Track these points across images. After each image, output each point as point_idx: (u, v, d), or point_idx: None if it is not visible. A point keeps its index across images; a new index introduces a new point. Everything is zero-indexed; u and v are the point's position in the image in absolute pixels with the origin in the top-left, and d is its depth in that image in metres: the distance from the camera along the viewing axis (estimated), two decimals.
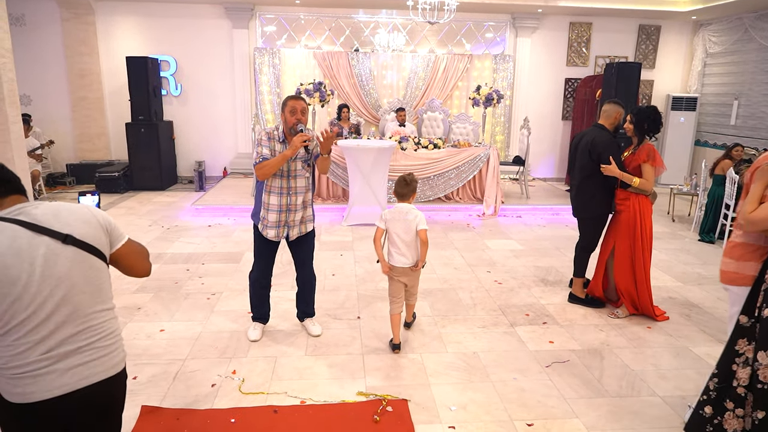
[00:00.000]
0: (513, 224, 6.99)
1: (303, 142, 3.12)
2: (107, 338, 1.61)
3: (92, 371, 1.56)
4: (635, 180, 3.84)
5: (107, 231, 1.64)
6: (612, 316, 4.12)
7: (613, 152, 3.93)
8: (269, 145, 3.32)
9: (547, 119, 10.13)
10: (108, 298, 1.65)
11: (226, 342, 3.57)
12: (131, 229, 6.32)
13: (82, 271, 1.54)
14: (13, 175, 1.59)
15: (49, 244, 1.48)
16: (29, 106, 9.34)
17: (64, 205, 1.59)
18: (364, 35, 9.76)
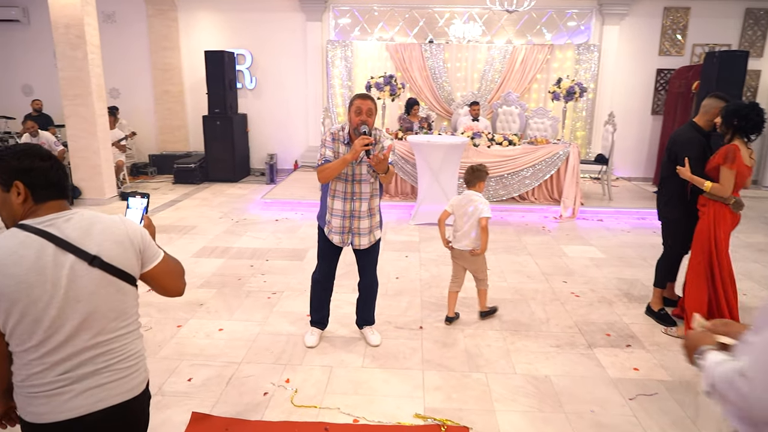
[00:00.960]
0: (593, 228, 6.47)
1: (364, 146, 2.92)
2: (127, 360, 1.51)
3: (109, 393, 1.46)
4: (706, 184, 3.39)
5: (140, 251, 1.52)
6: (664, 331, 3.71)
7: (691, 152, 3.53)
8: (333, 147, 3.15)
9: (634, 114, 9.36)
10: (132, 320, 1.54)
11: (283, 346, 3.47)
12: (202, 221, 6.45)
13: (106, 295, 1.43)
14: (60, 177, 1.46)
15: (74, 264, 1.38)
16: (118, 99, 9.84)
17: (98, 220, 1.46)
18: (439, 26, 9.44)
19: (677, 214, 3.82)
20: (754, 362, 1.08)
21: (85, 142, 7.09)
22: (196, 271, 4.81)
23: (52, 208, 1.45)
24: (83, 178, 7.22)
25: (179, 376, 3.10)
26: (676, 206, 3.81)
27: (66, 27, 6.76)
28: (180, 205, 7.34)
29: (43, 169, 1.41)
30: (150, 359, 3.27)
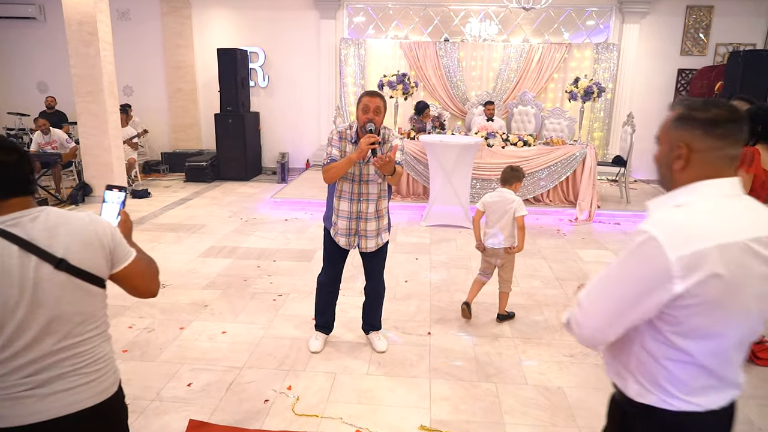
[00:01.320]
0: (610, 232, 6.29)
1: (370, 145, 2.80)
2: (96, 363, 1.43)
3: (78, 397, 1.39)
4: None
5: (110, 252, 1.41)
6: None
7: None
8: (339, 146, 3.04)
9: (653, 115, 9.10)
10: (100, 323, 1.46)
11: (286, 351, 3.37)
12: (211, 220, 6.39)
13: (72, 300, 1.34)
14: (23, 172, 1.34)
15: (39, 268, 1.28)
16: (131, 96, 9.85)
17: (65, 219, 1.35)
18: (454, 24, 9.29)
19: None
20: (587, 293, 1.24)
21: (97, 139, 7.08)
22: (202, 271, 4.74)
23: (17, 206, 1.34)
24: (94, 175, 7.21)
25: (179, 381, 3.02)
26: None
27: (79, 24, 6.75)
28: (190, 204, 7.30)
29: (7, 163, 1.32)
30: (150, 363, 3.20)
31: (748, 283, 1.15)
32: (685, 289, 1.12)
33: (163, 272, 4.68)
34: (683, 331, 1.18)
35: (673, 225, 1.15)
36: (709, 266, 1.11)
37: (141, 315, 3.85)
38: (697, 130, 1.20)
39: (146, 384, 2.98)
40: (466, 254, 5.31)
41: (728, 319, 1.17)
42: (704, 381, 1.22)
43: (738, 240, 1.14)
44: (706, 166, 1.21)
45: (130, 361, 3.23)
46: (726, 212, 1.18)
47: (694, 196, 1.21)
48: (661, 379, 1.23)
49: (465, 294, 4.29)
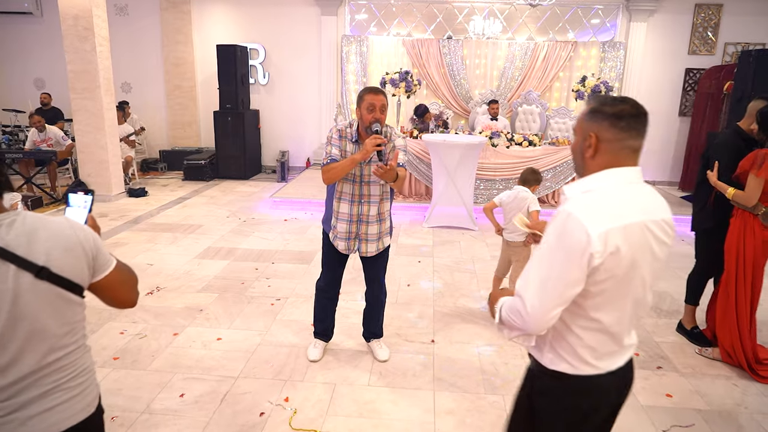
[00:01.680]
0: None
1: (376, 146, 2.65)
2: (79, 377, 1.33)
3: (61, 416, 1.28)
4: (729, 191, 3.12)
5: (93, 258, 1.30)
6: (697, 352, 3.43)
7: (723, 156, 3.25)
8: (339, 145, 2.89)
9: (661, 115, 8.96)
10: (81, 334, 1.35)
11: (284, 359, 3.23)
12: (209, 220, 6.25)
13: (55, 310, 1.23)
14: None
15: (18, 277, 1.16)
16: (129, 93, 9.71)
17: (43, 224, 1.23)
18: (458, 22, 9.13)
19: (709, 224, 3.52)
20: (525, 284, 1.32)
21: (93, 136, 6.93)
22: (198, 273, 4.60)
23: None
24: (90, 173, 7.07)
25: (171, 391, 2.87)
26: (710, 215, 3.50)
27: (75, 18, 6.60)
28: (188, 203, 7.15)
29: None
30: (142, 371, 3.06)
31: (645, 258, 1.32)
32: (601, 263, 1.25)
33: (158, 274, 4.55)
34: (595, 303, 1.32)
35: (587, 206, 1.28)
36: (617, 243, 1.25)
37: (134, 320, 3.71)
38: (605, 122, 1.33)
39: (136, 394, 2.84)
40: (469, 257, 5.17)
41: (630, 290, 1.33)
42: (609, 347, 1.38)
43: (638, 221, 1.29)
44: (611, 155, 1.34)
45: (121, 369, 3.09)
46: (629, 197, 1.33)
47: (601, 183, 1.34)
48: (574, 347, 1.37)
49: (468, 299, 4.16)
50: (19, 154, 7.17)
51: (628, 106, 1.33)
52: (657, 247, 1.34)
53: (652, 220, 1.32)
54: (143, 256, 5.00)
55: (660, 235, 1.34)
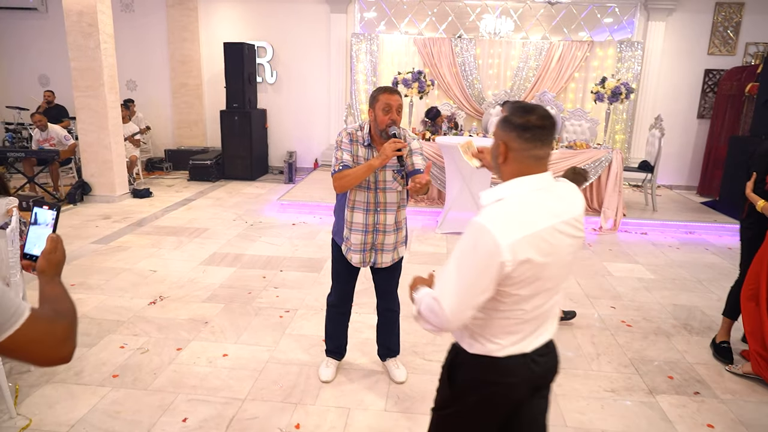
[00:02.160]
0: (637, 243, 5.90)
1: (396, 151, 2.44)
2: None
3: None
4: (759, 203, 3.07)
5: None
6: (727, 369, 3.25)
7: (760, 167, 3.17)
8: (351, 150, 2.67)
9: (678, 117, 8.71)
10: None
11: (294, 379, 3.02)
12: (215, 224, 6.05)
13: None
14: None
15: None
16: (134, 91, 9.53)
17: None
18: (470, 21, 8.90)
19: (751, 234, 3.39)
20: (440, 287, 1.41)
21: (96, 135, 6.75)
22: (203, 281, 4.40)
23: None
24: (93, 173, 6.89)
25: (173, 415, 2.68)
26: (751, 224, 3.37)
27: (78, 14, 6.42)
28: (193, 205, 6.97)
29: None
30: (142, 391, 2.86)
31: (558, 258, 1.42)
32: (512, 270, 1.35)
33: (162, 282, 4.36)
34: (514, 299, 1.41)
35: (498, 217, 1.36)
36: (527, 251, 1.34)
37: (135, 332, 3.52)
38: (512, 133, 1.42)
39: (136, 418, 2.64)
40: None
41: (547, 285, 1.44)
42: (527, 332, 1.48)
43: (547, 226, 1.38)
44: (518, 163, 1.43)
45: (121, 388, 2.90)
46: (537, 203, 1.41)
47: (512, 191, 1.43)
48: (493, 333, 1.47)
49: None
50: (21, 153, 7.01)
51: (534, 117, 1.41)
52: (569, 244, 1.44)
53: (561, 221, 1.41)
54: (147, 262, 4.81)
55: (571, 231, 1.44)
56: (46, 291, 1.16)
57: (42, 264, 1.20)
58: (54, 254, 1.22)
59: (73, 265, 4.70)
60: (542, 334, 1.52)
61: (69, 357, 1.12)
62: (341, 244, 2.86)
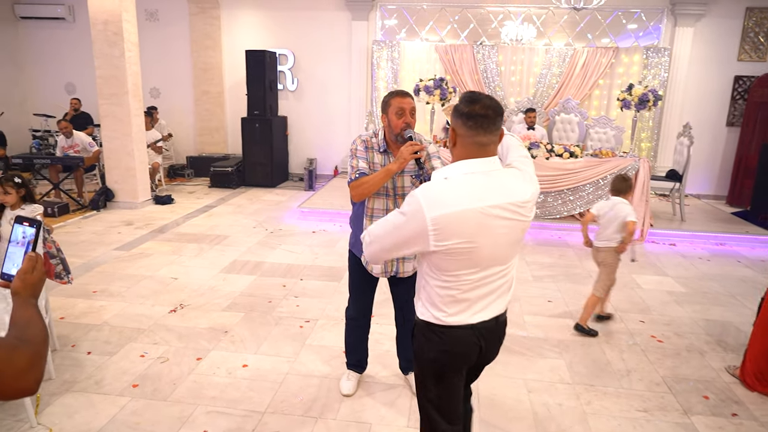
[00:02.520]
0: (666, 254, 5.73)
1: (414, 154, 2.38)
2: None
3: None
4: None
5: None
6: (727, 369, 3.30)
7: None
8: (366, 157, 2.61)
9: (707, 125, 8.49)
10: None
11: (315, 392, 2.96)
12: (235, 231, 6.05)
13: None
14: None
15: None
16: (158, 98, 9.63)
17: None
18: (492, 27, 8.82)
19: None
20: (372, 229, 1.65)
21: (119, 142, 6.82)
22: (224, 289, 4.38)
23: None
24: (116, 180, 6.96)
25: (192, 428, 2.63)
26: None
27: (104, 24, 6.51)
28: (214, 212, 6.98)
29: None
30: (162, 402, 2.83)
31: (490, 237, 1.55)
32: (438, 243, 1.51)
33: (183, 290, 4.35)
34: (448, 271, 1.59)
35: (432, 194, 1.52)
36: (449, 227, 1.50)
37: (155, 341, 3.50)
38: (459, 120, 1.58)
39: (155, 429, 2.61)
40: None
41: (477, 263, 1.58)
42: (471, 304, 1.64)
43: (475, 207, 1.51)
44: (464, 148, 1.59)
45: (140, 398, 2.87)
46: (474, 185, 1.55)
47: (455, 172, 1.58)
48: (437, 302, 1.65)
49: (511, 325, 3.84)
50: (48, 159, 7.11)
51: (478, 107, 1.55)
52: (503, 226, 1.56)
53: (493, 205, 1.53)
54: (168, 269, 4.81)
55: (505, 215, 1.55)
56: (17, 314, 1.07)
57: (17, 285, 1.11)
58: (30, 274, 1.14)
59: (96, 271, 4.72)
60: (487, 308, 1.67)
61: (33, 388, 1.04)
62: (360, 255, 2.79)
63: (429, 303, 1.67)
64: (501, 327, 1.77)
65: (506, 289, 1.71)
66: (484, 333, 1.68)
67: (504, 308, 1.73)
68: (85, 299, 4.11)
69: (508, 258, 1.64)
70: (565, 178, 6.37)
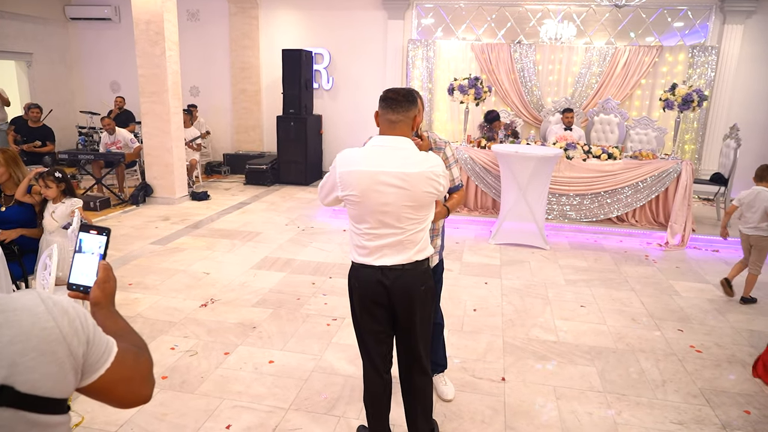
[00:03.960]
0: (707, 261, 5.50)
1: None
2: None
3: None
4: None
5: (82, 356, 0.86)
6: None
7: None
8: None
9: (755, 126, 8.11)
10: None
11: (339, 391, 2.96)
12: (268, 228, 6.12)
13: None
14: None
15: None
16: (197, 97, 9.86)
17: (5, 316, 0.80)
18: (530, 26, 8.65)
19: None
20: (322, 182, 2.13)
21: (159, 140, 7.01)
22: (254, 285, 4.44)
23: None
24: (155, 176, 7.15)
25: (217, 421, 2.67)
26: None
27: (146, 23, 6.70)
28: (248, 209, 7.09)
29: None
30: (189, 395, 2.88)
31: (374, 195, 1.95)
32: (342, 192, 2.00)
33: (214, 285, 4.43)
34: (354, 215, 2.05)
35: (345, 156, 2.03)
36: (350, 182, 1.97)
37: (185, 334, 3.57)
38: (381, 103, 2.06)
39: (181, 422, 2.65)
40: (541, 280, 4.74)
41: (368, 214, 2.00)
42: (367, 249, 2.06)
43: (367, 169, 1.95)
44: (382, 126, 2.06)
45: (169, 390, 2.93)
46: (373, 154, 2.00)
47: (370, 143, 2.10)
48: (353, 244, 2.12)
49: (541, 329, 3.76)
50: (91, 155, 7.37)
51: (391, 93, 2.04)
52: (391, 193, 1.94)
53: (383, 171, 1.93)
54: (201, 264, 4.90)
55: (389, 180, 1.93)
56: (108, 324, 1.03)
57: (97, 295, 1.09)
58: (108, 283, 1.12)
59: (132, 264, 4.86)
60: (384, 257, 2.04)
61: (150, 396, 1.02)
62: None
63: (351, 246, 2.15)
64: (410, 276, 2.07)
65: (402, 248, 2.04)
66: (388, 274, 2.05)
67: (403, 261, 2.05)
68: (121, 291, 4.23)
69: (399, 220, 1.98)
70: (602, 181, 6.19)
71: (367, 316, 2.16)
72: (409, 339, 2.20)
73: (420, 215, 2.01)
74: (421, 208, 2.00)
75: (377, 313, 2.14)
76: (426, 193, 1.96)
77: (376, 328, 2.19)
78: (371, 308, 2.14)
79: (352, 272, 2.16)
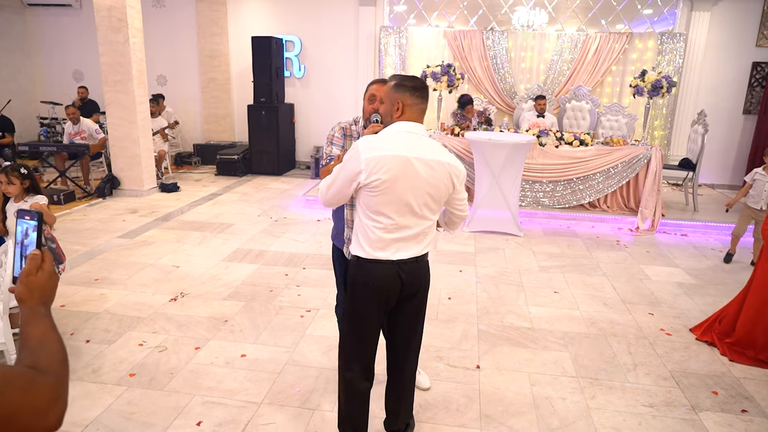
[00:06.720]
0: (677, 245, 5.61)
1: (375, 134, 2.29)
2: None
3: None
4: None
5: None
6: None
7: None
8: (343, 144, 2.54)
9: (722, 113, 8.28)
10: None
11: (312, 384, 2.91)
12: (240, 219, 6.01)
13: None
14: None
15: None
16: (165, 86, 9.59)
17: None
18: (502, 13, 8.63)
19: None
20: (324, 182, 2.07)
21: (125, 130, 6.79)
22: (225, 278, 4.34)
23: None
24: (122, 168, 6.94)
25: (187, 418, 2.60)
26: None
27: (108, 10, 6.45)
28: (219, 200, 6.95)
29: None
30: (158, 392, 2.80)
31: (405, 179, 1.90)
32: (367, 178, 1.88)
33: (184, 278, 4.32)
34: (369, 208, 1.96)
35: (369, 141, 1.94)
36: (380, 166, 1.88)
37: (154, 329, 3.47)
38: (407, 92, 1.98)
39: (149, 420, 2.57)
40: (515, 267, 4.76)
41: (393, 202, 1.93)
42: (384, 243, 1.98)
43: (402, 154, 1.90)
44: (411, 114, 2.01)
45: (137, 387, 2.84)
46: (403, 139, 1.95)
47: (390, 129, 2.01)
48: (363, 238, 2.01)
49: (516, 316, 3.78)
50: (54, 147, 7.10)
51: (420, 82, 2.02)
52: (415, 172, 1.91)
53: (416, 156, 1.91)
54: (170, 257, 4.78)
55: (421, 166, 1.92)
56: (27, 330, 0.89)
57: (20, 290, 0.92)
58: (34, 276, 0.93)
59: (98, 259, 4.71)
60: (400, 250, 2.00)
61: (56, 425, 0.85)
62: (342, 247, 2.70)
63: (357, 240, 2.04)
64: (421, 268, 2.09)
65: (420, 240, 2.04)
66: (404, 267, 2.02)
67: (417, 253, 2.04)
68: (87, 287, 4.10)
69: (421, 209, 1.96)
70: (574, 167, 6.24)
71: (374, 314, 2.09)
72: (413, 332, 2.22)
73: (435, 207, 2.02)
74: (438, 201, 2.01)
75: (382, 310, 2.10)
76: (445, 185, 1.98)
77: (377, 327, 2.15)
78: (380, 306, 2.08)
79: (357, 269, 2.05)
